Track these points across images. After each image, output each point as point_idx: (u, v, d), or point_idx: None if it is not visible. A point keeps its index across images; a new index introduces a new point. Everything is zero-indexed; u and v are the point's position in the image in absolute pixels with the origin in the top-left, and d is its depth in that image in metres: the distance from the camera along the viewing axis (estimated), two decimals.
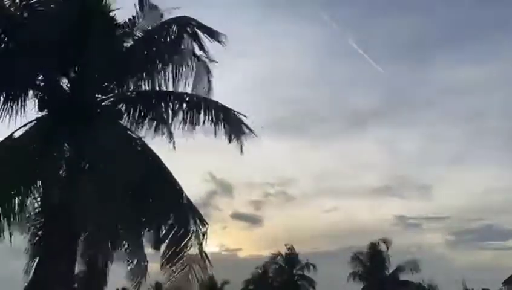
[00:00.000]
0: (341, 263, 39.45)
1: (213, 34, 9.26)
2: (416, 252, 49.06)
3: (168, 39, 9.30)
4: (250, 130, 9.66)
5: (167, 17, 9.78)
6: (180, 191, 9.21)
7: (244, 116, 9.77)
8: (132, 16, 9.95)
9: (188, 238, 8.78)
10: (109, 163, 9.09)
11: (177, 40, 9.25)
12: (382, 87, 68.23)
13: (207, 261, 8.84)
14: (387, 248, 38.17)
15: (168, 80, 9.36)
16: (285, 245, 43.29)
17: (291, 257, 42.90)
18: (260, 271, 43.51)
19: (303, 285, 42.48)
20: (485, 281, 42.07)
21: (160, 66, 9.37)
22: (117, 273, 10.70)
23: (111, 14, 9.48)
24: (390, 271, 38.38)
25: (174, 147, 9.42)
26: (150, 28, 9.91)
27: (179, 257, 8.73)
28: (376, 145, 69.86)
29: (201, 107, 9.60)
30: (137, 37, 9.80)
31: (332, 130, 69.84)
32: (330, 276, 41.01)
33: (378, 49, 64.96)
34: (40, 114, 9.29)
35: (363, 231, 55.91)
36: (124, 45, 9.89)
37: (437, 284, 38.43)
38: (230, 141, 9.54)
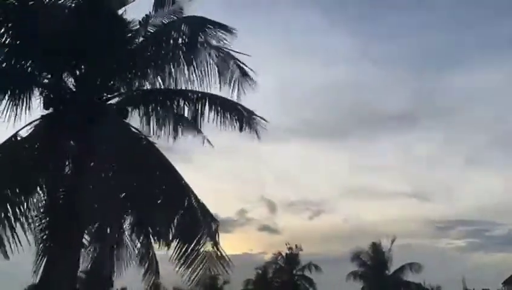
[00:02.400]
0: None
1: (224, 28, 8.99)
2: (439, 255, 49.38)
3: (177, 37, 9.18)
4: (262, 118, 9.60)
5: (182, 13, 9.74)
6: (187, 190, 9.12)
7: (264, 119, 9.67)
8: (149, 12, 9.85)
9: (199, 236, 8.66)
10: (115, 161, 9.03)
11: (187, 38, 9.12)
12: (405, 93, 68.24)
13: (226, 260, 8.56)
14: (391, 246, 38.06)
15: (176, 78, 9.24)
16: (286, 245, 43.07)
17: (291, 258, 42.71)
18: (259, 271, 43.35)
19: (302, 285, 42.38)
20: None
21: (167, 64, 9.26)
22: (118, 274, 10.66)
23: (120, 11, 9.42)
24: (392, 271, 38.28)
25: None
26: (164, 23, 9.80)
27: (192, 255, 8.59)
28: (401, 150, 69.92)
29: (206, 102, 9.54)
30: (149, 33, 9.69)
31: (355, 135, 69.74)
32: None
33: (401, 55, 65.31)
34: (45, 112, 9.22)
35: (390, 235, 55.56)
36: (133, 42, 9.79)
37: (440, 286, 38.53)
38: (241, 129, 9.48)
